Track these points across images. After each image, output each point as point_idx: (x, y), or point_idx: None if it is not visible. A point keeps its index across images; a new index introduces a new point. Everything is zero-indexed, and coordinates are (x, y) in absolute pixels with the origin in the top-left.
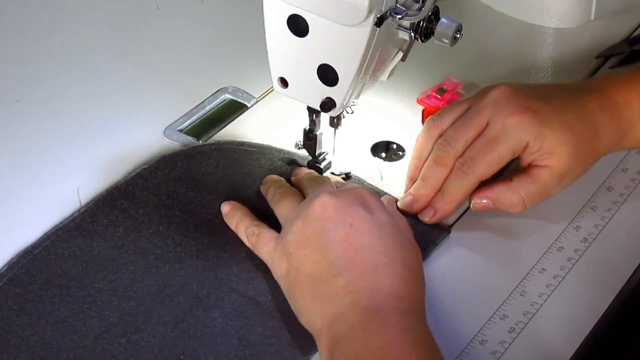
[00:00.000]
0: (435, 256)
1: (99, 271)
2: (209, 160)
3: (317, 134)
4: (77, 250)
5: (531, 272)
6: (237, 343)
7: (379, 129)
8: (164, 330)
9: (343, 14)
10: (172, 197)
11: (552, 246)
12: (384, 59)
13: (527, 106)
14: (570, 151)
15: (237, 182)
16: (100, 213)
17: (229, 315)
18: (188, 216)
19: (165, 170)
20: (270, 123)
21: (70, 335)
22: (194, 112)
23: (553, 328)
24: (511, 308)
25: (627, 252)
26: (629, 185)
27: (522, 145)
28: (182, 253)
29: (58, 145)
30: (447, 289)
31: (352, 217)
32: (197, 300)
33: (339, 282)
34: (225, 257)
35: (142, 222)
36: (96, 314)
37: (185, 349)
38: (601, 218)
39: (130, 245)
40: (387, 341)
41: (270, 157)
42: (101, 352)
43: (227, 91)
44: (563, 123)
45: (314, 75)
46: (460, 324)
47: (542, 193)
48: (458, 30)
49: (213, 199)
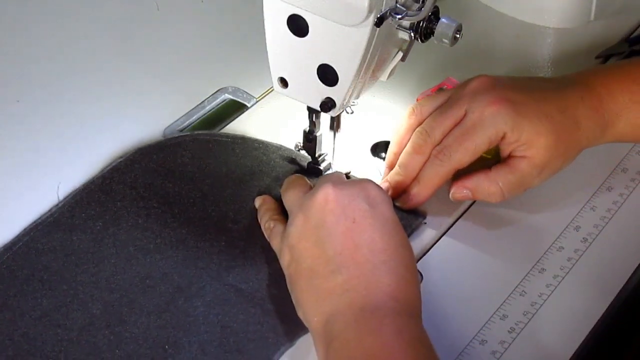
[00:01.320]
0: (435, 256)
1: (80, 264)
2: (184, 152)
3: (316, 135)
4: (57, 244)
5: (531, 272)
6: (220, 331)
7: (379, 129)
8: (147, 320)
9: (343, 14)
10: (150, 189)
11: (552, 246)
12: (384, 59)
13: (505, 97)
14: (549, 142)
15: (213, 172)
16: (78, 207)
17: (211, 304)
18: (166, 207)
19: (141, 163)
20: (270, 123)
21: (54, 329)
22: (194, 112)
23: (553, 328)
24: (511, 308)
25: (627, 252)
26: (629, 185)
27: (499, 135)
28: (162, 244)
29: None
30: (447, 288)
31: (354, 211)
32: (178, 290)
33: (337, 280)
34: (205, 246)
35: (121, 215)
36: (79, 307)
37: (169, 338)
38: (601, 218)
39: (110, 238)
40: (382, 342)
41: (244, 147)
42: (86, 345)
43: (227, 91)
44: (542, 114)
45: (313, 75)
46: (460, 324)
47: (520, 183)
48: (458, 30)
49: (190, 189)
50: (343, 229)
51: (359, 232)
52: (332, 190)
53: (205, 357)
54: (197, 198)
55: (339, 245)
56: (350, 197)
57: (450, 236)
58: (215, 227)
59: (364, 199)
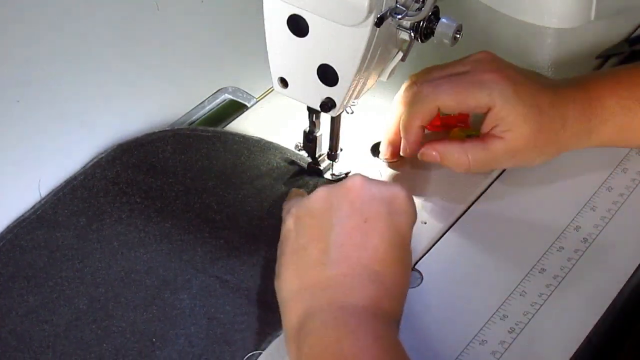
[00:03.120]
0: (435, 256)
1: (64, 261)
2: (165, 147)
3: (316, 136)
4: (41, 241)
5: (531, 272)
6: (206, 323)
7: (379, 129)
8: (134, 314)
9: (343, 14)
10: (132, 184)
11: (552, 246)
12: (384, 59)
13: (507, 73)
14: (531, 132)
15: (194, 166)
16: (61, 204)
17: (196, 296)
18: (149, 202)
19: (122, 159)
20: (270, 123)
21: (41, 325)
22: (194, 112)
23: (553, 328)
24: (511, 308)
25: (627, 252)
26: (629, 185)
27: (490, 104)
28: (146, 238)
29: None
30: (447, 288)
31: (370, 211)
32: (164, 283)
33: (325, 273)
34: (189, 239)
35: (104, 211)
36: (65, 302)
37: (156, 331)
38: (601, 218)
39: (94, 233)
40: (360, 345)
41: (224, 141)
42: (73, 340)
43: (227, 91)
44: (534, 103)
45: (313, 75)
46: (460, 324)
47: (489, 162)
48: (458, 30)
49: (172, 183)
50: (353, 224)
51: (365, 233)
52: (361, 181)
53: (192, 349)
54: (180, 192)
55: (341, 238)
56: (373, 196)
57: (450, 236)
58: (198, 219)
59: (386, 204)
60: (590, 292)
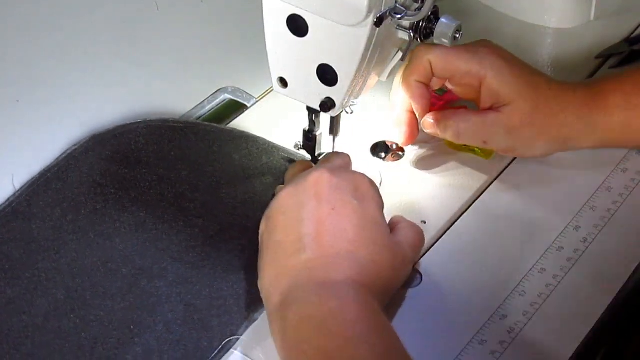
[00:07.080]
0: (435, 256)
1: (41, 252)
2: (138, 138)
3: (316, 135)
4: (17, 233)
5: (531, 272)
6: (183, 309)
7: (379, 129)
8: (112, 303)
9: (342, 14)
10: (106, 175)
11: (552, 246)
12: (384, 59)
13: (503, 55)
14: (526, 107)
15: (167, 156)
16: (35, 196)
17: (173, 284)
18: (123, 193)
19: (96, 150)
20: (270, 123)
21: (19, 316)
22: (194, 112)
23: (552, 328)
24: (511, 308)
25: (627, 252)
26: (629, 185)
27: (480, 73)
28: (121, 228)
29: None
30: (447, 288)
31: (336, 200)
32: (140, 271)
33: (300, 258)
34: (164, 228)
35: (79, 202)
36: (43, 293)
37: (134, 319)
38: (601, 218)
39: (70, 225)
40: (344, 304)
41: (196, 132)
42: (52, 330)
43: (227, 91)
44: (531, 82)
45: (313, 75)
46: (460, 324)
47: (480, 134)
48: (458, 30)
49: (146, 174)
50: (321, 213)
51: (334, 220)
52: (326, 175)
53: (170, 335)
54: (153, 182)
55: (311, 227)
56: (339, 186)
57: (450, 236)
58: (172, 208)
59: (352, 191)
60: (590, 292)
